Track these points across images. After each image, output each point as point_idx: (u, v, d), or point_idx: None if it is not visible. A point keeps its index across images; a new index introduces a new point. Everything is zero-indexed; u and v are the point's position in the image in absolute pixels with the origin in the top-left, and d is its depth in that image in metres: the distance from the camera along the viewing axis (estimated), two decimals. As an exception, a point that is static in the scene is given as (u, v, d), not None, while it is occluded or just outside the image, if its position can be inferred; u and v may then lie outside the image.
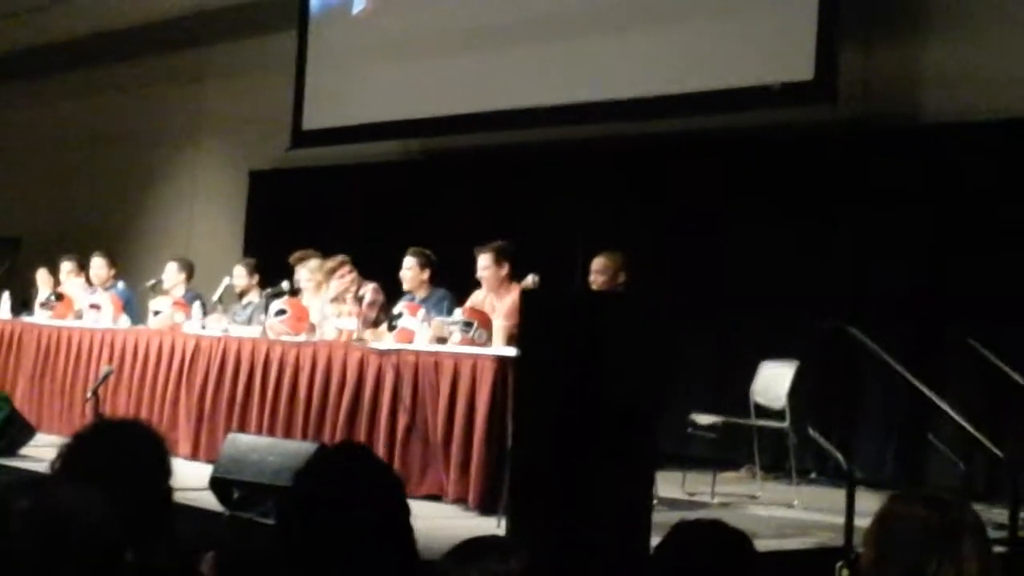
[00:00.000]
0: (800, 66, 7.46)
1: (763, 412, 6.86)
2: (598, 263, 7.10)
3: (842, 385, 7.15)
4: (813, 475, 7.33)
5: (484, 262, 7.14)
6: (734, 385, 7.12)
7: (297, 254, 8.25)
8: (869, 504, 2.74)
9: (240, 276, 8.56)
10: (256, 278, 8.50)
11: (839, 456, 6.52)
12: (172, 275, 8.86)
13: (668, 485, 6.31)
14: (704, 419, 6.73)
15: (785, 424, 6.69)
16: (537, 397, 5.81)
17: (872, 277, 7.54)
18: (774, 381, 6.85)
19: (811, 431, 6.53)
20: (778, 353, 7.00)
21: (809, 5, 7.37)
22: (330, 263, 7.74)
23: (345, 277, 7.67)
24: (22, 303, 9.71)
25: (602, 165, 8.75)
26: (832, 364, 7.09)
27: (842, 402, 7.23)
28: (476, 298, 7.27)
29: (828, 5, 7.34)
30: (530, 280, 6.75)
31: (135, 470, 2.42)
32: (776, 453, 7.16)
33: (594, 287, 6.74)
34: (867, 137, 7.62)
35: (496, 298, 7.18)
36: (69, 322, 8.86)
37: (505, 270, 7.13)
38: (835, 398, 7.30)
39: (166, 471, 2.52)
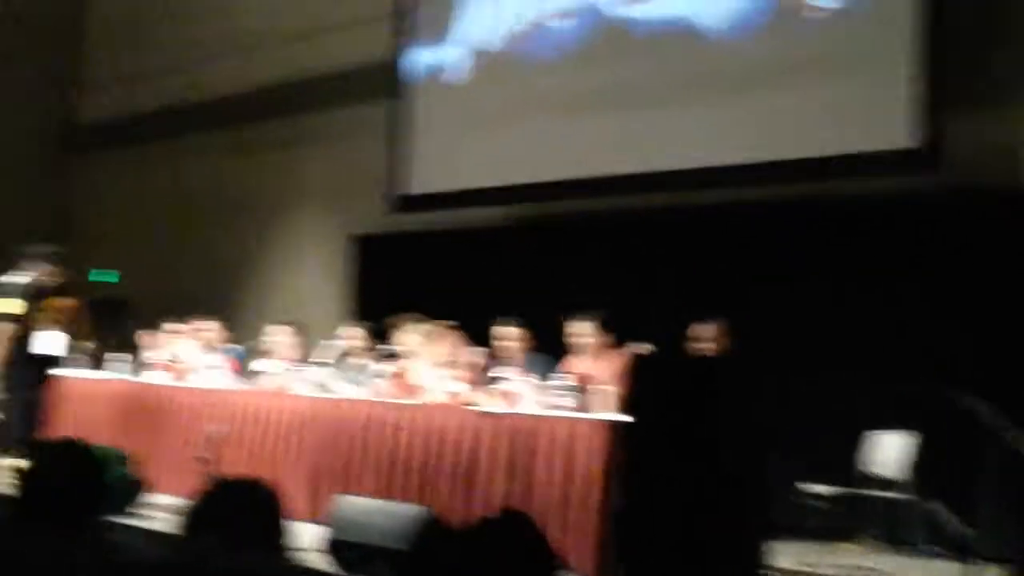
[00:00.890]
0: (904, 133, 7.42)
1: (879, 482, 6.76)
2: (700, 330, 7.11)
3: (960, 455, 7.00)
4: (931, 547, 7.18)
5: (586, 330, 7.21)
6: (849, 454, 7.02)
7: (402, 318, 8.34)
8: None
9: (354, 338, 8.67)
10: (369, 342, 8.60)
11: (958, 528, 6.40)
12: (282, 338, 8.99)
13: (782, 556, 6.22)
14: (818, 489, 6.64)
15: (902, 495, 6.58)
16: (647, 463, 5.79)
17: (985, 345, 7.40)
18: (890, 450, 6.76)
19: (929, 502, 6.41)
20: (894, 422, 6.91)
21: (913, 70, 7.36)
22: (437, 327, 7.81)
23: (452, 341, 7.74)
24: (134, 364, 9.88)
25: (707, 231, 8.75)
26: (949, 433, 6.96)
27: (960, 472, 7.07)
28: (574, 363, 7.31)
29: (932, 71, 7.32)
30: (643, 350, 6.79)
31: (255, 527, 2.46)
32: (893, 524, 7.04)
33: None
34: (972, 204, 7.53)
35: (596, 364, 7.21)
36: (181, 383, 9.00)
37: (606, 338, 7.22)
38: (953, 468, 7.15)
39: (283, 529, 2.56)
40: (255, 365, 8.71)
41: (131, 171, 14.09)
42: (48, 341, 9.31)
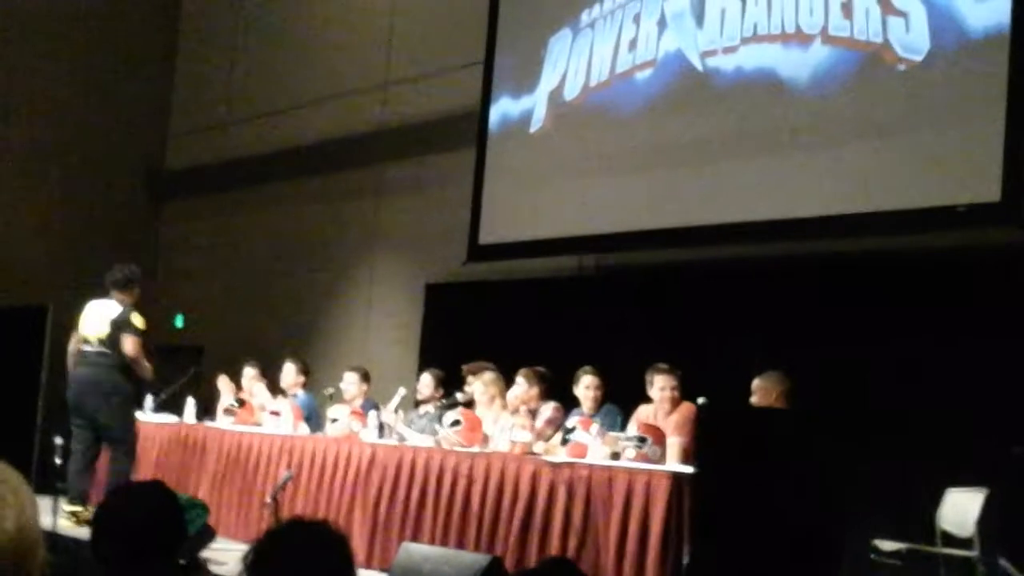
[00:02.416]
0: (987, 187, 7.30)
1: (950, 540, 6.61)
2: (757, 384, 7.06)
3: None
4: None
5: (672, 382, 7.21)
6: (920, 511, 6.88)
7: (469, 366, 8.38)
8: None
9: (427, 385, 8.72)
10: (441, 390, 8.64)
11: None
12: (353, 384, 9.05)
13: (851, 612, 6.10)
14: (888, 545, 6.51)
15: (974, 553, 6.42)
16: (715, 517, 5.72)
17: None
18: (962, 508, 6.61)
19: (1001, 561, 6.26)
20: (966, 479, 6.76)
21: (996, 122, 7.23)
22: (524, 373, 7.87)
23: (523, 389, 7.77)
24: (204, 409, 10.01)
25: (779, 283, 8.65)
26: (1023, 491, 6.80)
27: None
28: (641, 414, 7.29)
29: (1017, 123, 7.19)
30: (700, 403, 6.77)
31: (324, 569, 2.46)
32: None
33: (755, 408, 6.68)
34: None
35: (664, 415, 7.19)
36: (250, 428, 9.08)
37: (674, 389, 7.23)
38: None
39: (351, 572, 2.56)
40: (329, 412, 8.77)
41: (215, 218, 14.32)
42: None
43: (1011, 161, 7.19)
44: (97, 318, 8.71)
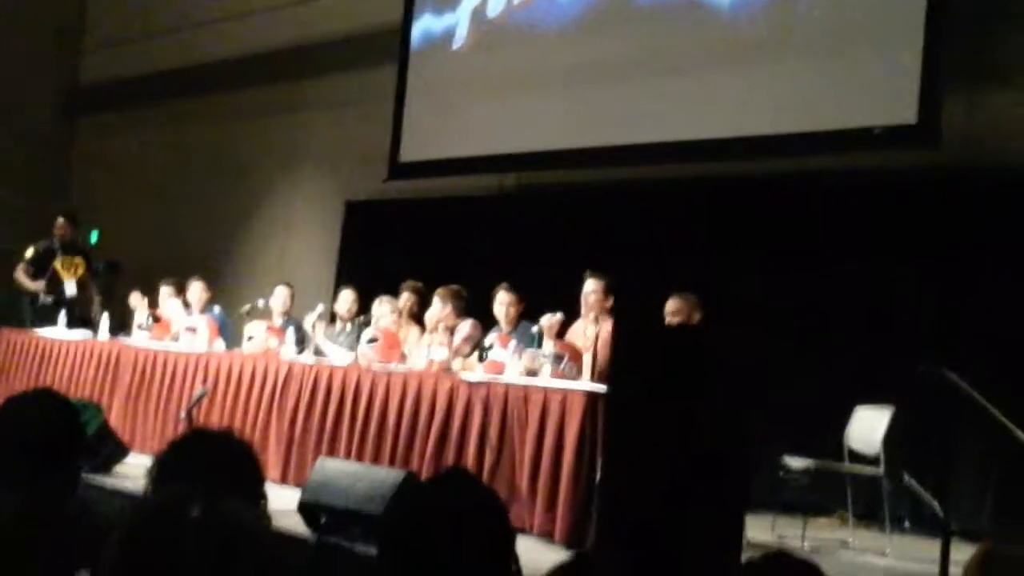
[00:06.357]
0: (903, 109, 7.35)
1: (857, 457, 6.73)
2: (672, 305, 7.09)
3: (938, 431, 6.97)
4: (907, 524, 7.14)
5: (594, 286, 7.16)
6: (828, 429, 6.99)
7: (404, 285, 8.32)
8: (964, 555, 2.64)
9: (347, 301, 8.63)
10: (358, 306, 8.58)
11: (935, 504, 6.38)
12: (282, 300, 8.98)
13: (758, 529, 6.20)
14: (796, 463, 6.60)
15: (879, 470, 6.55)
16: (627, 433, 5.76)
17: (969, 321, 7.37)
18: (869, 426, 6.72)
19: (906, 478, 6.39)
20: (873, 397, 6.87)
21: (913, 47, 7.28)
22: (440, 292, 7.82)
23: (441, 307, 7.74)
24: (120, 325, 9.88)
25: (697, 203, 8.71)
26: (928, 409, 6.93)
27: (938, 449, 7.04)
28: (574, 329, 7.27)
29: (933, 47, 7.24)
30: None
31: (230, 478, 2.43)
32: (870, 500, 7.00)
33: (669, 329, 6.72)
34: (968, 182, 7.48)
35: (591, 324, 7.15)
36: (165, 344, 8.99)
37: (610, 303, 7.17)
38: (931, 444, 7.12)
39: (260, 480, 2.53)
40: (246, 328, 8.69)
41: (132, 133, 14.06)
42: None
43: (928, 84, 7.25)
44: None
